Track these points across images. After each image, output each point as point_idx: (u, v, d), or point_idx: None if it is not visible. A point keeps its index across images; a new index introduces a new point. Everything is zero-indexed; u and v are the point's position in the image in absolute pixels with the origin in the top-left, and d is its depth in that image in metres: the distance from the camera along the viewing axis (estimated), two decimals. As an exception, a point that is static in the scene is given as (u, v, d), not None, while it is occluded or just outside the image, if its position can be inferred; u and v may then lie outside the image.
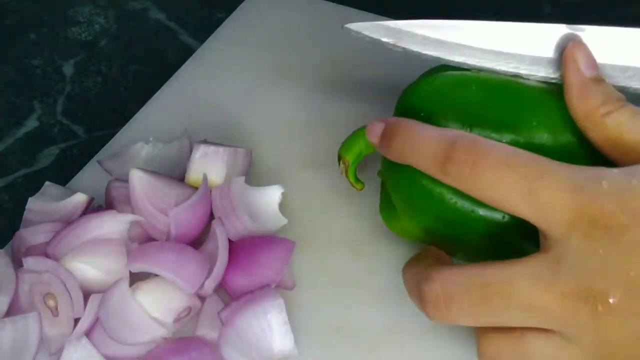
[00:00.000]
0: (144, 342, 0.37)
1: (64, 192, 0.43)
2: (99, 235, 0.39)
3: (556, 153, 0.31)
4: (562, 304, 0.28)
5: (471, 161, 0.29)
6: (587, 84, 0.33)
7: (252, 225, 0.40)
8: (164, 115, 0.51)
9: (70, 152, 0.51)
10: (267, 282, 0.38)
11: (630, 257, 0.27)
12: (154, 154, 0.46)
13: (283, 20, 0.57)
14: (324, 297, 0.40)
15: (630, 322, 0.27)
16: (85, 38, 0.60)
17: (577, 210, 0.28)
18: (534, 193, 0.29)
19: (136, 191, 0.40)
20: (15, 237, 0.41)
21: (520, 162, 0.29)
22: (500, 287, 0.29)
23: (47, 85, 0.56)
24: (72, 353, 0.36)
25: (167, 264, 0.37)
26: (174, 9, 0.63)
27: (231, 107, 0.51)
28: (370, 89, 0.53)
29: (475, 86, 0.35)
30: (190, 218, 0.40)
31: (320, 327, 0.39)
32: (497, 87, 0.35)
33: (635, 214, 0.28)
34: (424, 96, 0.35)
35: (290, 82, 0.53)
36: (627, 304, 0.27)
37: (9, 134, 0.52)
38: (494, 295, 0.29)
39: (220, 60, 0.55)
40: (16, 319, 0.37)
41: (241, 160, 0.44)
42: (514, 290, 0.29)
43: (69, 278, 0.37)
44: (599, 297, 0.27)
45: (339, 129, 0.50)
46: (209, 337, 0.37)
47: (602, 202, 0.28)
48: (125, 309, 0.36)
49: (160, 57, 0.58)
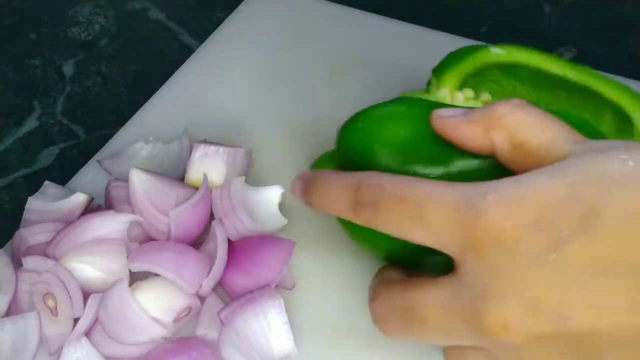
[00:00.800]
0: (144, 342, 0.36)
1: (64, 192, 0.43)
2: (99, 235, 0.39)
3: (492, 174, 0.30)
4: (466, 329, 0.27)
5: (373, 201, 0.30)
6: (467, 113, 0.32)
7: (252, 226, 0.40)
8: (164, 115, 0.51)
9: (70, 152, 0.51)
10: (267, 282, 0.38)
11: (524, 273, 0.26)
12: (153, 153, 0.46)
13: (283, 20, 0.57)
14: (324, 297, 0.40)
15: (529, 346, 0.27)
16: (85, 38, 0.60)
17: (466, 229, 0.27)
18: (424, 219, 0.28)
19: (136, 191, 0.40)
20: (15, 236, 0.41)
21: (408, 191, 0.29)
22: (417, 313, 0.29)
23: (47, 85, 0.56)
24: (72, 353, 0.36)
25: (168, 263, 0.37)
26: (174, 9, 0.63)
27: (231, 107, 0.51)
28: (370, 88, 0.53)
29: (405, 122, 0.34)
30: (191, 218, 0.40)
31: (320, 327, 0.39)
32: (426, 121, 0.33)
33: (524, 224, 0.26)
34: (357, 136, 0.35)
35: (290, 82, 0.53)
36: (525, 327, 0.26)
37: (9, 134, 0.52)
38: (414, 320, 0.30)
39: (220, 60, 0.55)
40: (16, 319, 0.37)
41: (241, 160, 0.44)
42: (428, 316, 0.29)
43: (69, 278, 0.37)
44: (497, 323, 0.26)
45: (339, 129, 0.50)
46: (209, 337, 0.37)
47: (488, 216, 0.26)
48: (125, 309, 0.36)
49: (160, 57, 0.58)
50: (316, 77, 0.53)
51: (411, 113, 0.34)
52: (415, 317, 0.30)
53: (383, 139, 0.33)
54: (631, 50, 0.58)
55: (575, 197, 0.26)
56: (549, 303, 0.26)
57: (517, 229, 0.26)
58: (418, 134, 0.33)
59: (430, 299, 0.29)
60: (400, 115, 0.34)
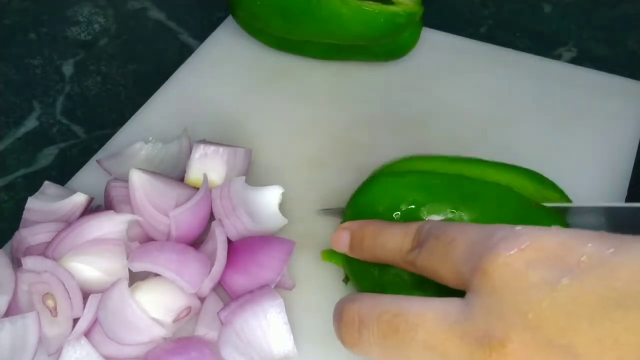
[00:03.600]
0: (144, 342, 0.36)
1: (64, 192, 0.43)
2: (99, 235, 0.39)
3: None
4: (459, 348, 0.27)
5: (421, 243, 0.31)
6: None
7: (252, 225, 0.40)
8: (164, 114, 0.51)
9: (69, 152, 0.51)
10: (267, 282, 0.38)
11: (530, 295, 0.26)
12: (153, 153, 0.45)
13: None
14: (324, 297, 0.40)
15: None
16: (84, 38, 0.60)
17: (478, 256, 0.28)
18: (451, 257, 0.30)
19: (136, 191, 0.40)
20: (15, 236, 0.41)
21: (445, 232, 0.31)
22: (408, 319, 0.29)
23: (46, 85, 0.56)
24: (71, 353, 0.36)
25: (169, 263, 0.37)
26: (174, 8, 0.62)
27: (231, 107, 0.51)
28: (370, 88, 0.53)
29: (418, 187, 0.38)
30: (191, 219, 0.40)
31: (320, 327, 0.39)
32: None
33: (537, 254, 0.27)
34: (376, 195, 0.39)
35: (290, 82, 0.53)
36: (524, 350, 0.26)
37: (9, 134, 0.52)
38: (401, 326, 0.29)
39: (220, 60, 0.55)
40: (15, 319, 0.37)
41: (241, 159, 0.44)
42: (420, 325, 0.28)
43: (68, 278, 0.37)
44: (494, 342, 0.26)
45: (338, 129, 0.50)
46: (209, 337, 0.37)
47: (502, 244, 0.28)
48: (125, 309, 0.36)
49: (160, 56, 0.58)
50: (316, 76, 0.53)
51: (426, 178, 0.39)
52: (403, 323, 0.29)
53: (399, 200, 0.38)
54: (631, 50, 0.58)
55: (604, 238, 0.27)
56: (552, 329, 0.25)
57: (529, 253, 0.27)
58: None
59: (427, 310, 0.29)
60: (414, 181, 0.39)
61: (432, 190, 0.38)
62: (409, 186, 0.39)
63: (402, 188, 0.39)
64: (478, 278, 0.27)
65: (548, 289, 0.26)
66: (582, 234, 0.27)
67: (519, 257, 0.27)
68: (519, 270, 0.27)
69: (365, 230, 0.35)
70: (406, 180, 0.39)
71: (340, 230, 0.36)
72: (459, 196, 0.38)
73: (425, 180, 0.39)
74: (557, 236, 0.27)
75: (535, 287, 0.26)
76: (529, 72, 0.53)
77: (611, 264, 0.26)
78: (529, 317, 0.26)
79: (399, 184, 0.39)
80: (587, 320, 0.25)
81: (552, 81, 0.52)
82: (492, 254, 0.27)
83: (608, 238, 0.27)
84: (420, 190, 0.38)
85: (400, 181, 0.39)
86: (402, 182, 0.39)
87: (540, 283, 0.26)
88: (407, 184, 0.39)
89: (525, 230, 0.28)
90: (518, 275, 0.27)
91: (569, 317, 0.25)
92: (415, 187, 0.39)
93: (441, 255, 0.30)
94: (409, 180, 0.39)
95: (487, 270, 0.27)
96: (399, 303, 0.30)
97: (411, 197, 0.38)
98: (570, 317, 0.25)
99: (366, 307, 0.30)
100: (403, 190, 0.38)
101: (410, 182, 0.39)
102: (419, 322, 0.28)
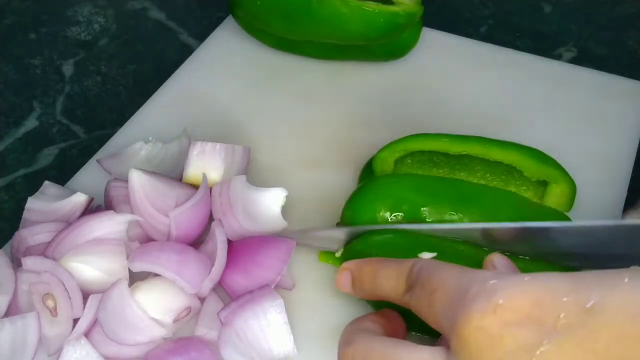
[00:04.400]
0: (144, 342, 0.36)
1: (64, 192, 0.43)
2: (98, 235, 0.39)
3: None
4: None
5: (416, 283, 0.31)
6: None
7: (248, 225, 0.40)
8: (164, 114, 0.51)
9: (69, 152, 0.51)
10: (267, 282, 0.38)
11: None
12: (153, 153, 0.45)
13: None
14: (324, 297, 0.40)
15: None
16: (84, 38, 0.60)
17: (453, 310, 0.28)
18: (435, 303, 0.29)
19: (136, 192, 0.40)
20: (15, 237, 0.41)
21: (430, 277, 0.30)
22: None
23: (46, 85, 0.56)
24: (71, 353, 0.36)
25: (169, 263, 0.37)
26: (174, 8, 0.62)
27: (231, 107, 0.51)
28: (370, 88, 0.53)
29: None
30: (191, 219, 0.40)
31: (320, 327, 0.39)
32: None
33: (512, 316, 0.26)
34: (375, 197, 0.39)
35: (290, 82, 0.53)
36: None
37: (9, 134, 0.52)
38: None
39: (220, 60, 0.55)
40: (15, 319, 0.37)
41: (240, 157, 0.44)
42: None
43: (68, 278, 0.37)
44: None
45: (338, 129, 0.50)
46: (209, 337, 0.37)
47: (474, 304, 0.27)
48: (125, 309, 0.36)
49: (160, 56, 0.58)
50: (316, 76, 0.53)
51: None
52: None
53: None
54: (631, 50, 0.57)
55: (580, 289, 0.26)
56: None
57: (504, 314, 0.26)
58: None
59: (417, 359, 0.29)
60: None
61: (431, 192, 0.39)
62: (408, 188, 0.39)
63: (402, 189, 0.39)
64: (455, 341, 0.27)
65: (526, 357, 0.25)
66: (557, 286, 0.26)
67: (493, 320, 0.26)
68: (495, 335, 0.26)
69: (363, 271, 0.35)
70: (405, 182, 0.39)
71: (341, 271, 0.36)
72: (457, 197, 0.38)
73: (424, 182, 0.39)
74: (532, 293, 0.26)
75: (512, 354, 0.25)
76: (529, 72, 0.53)
77: (590, 325, 0.25)
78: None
79: (398, 186, 0.39)
80: None
81: (552, 81, 0.52)
82: (465, 315, 0.27)
83: (585, 287, 0.26)
84: (420, 192, 0.39)
85: (399, 183, 0.39)
86: (401, 184, 0.39)
87: (518, 350, 0.25)
88: (406, 185, 0.39)
89: (499, 284, 0.27)
90: (494, 341, 0.26)
91: None
92: (415, 188, 0.39)
93: (426, 305, 0.30)
94: (408, 182, 0.39)
95: (463, 335, 0.27)
96: (390, 350, 0.30)
97: (411, 198, 0.38)
98: None
99: (360, 353, 0.31)
100: (402, 191, 0.39)
101: (409, 184, 0.39)
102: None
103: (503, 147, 0.41)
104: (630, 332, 0.24)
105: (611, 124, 0.49)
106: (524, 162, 0.40)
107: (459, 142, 0.41)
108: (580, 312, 0.25)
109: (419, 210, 0.38)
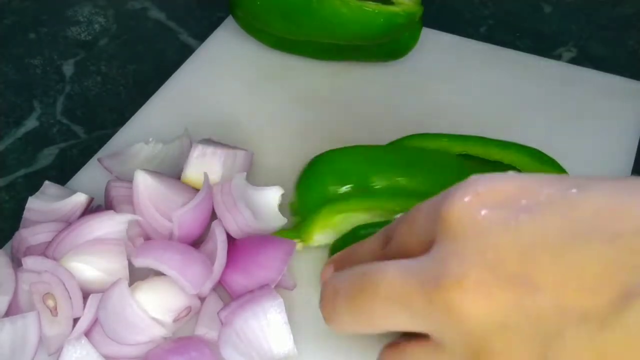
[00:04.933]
0: (144, 342, 0.36)
1: (64, 192, 0.43)
2: (99, 235, 0.39)
3: None
4: (420, 295, 0.26)
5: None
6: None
7: (253, 221, 0.40)
8: (164, 115, 0.51)
9: (69, 152, 0.51)
10: (267, 282, 0.38)
11: (487, 236, 0.25)
12: (154, 153, 0.45)
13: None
14: (323, 297, 0.40)
15: (484, 330, 0.25)
16: (84, 38, 0.60)
17: (436, 206, 0.28)
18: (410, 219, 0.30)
19: (140, 194, 0.40)
20: (15, 236, 0.41)
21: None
22: (373, 277, 0.28)
23: (46, 85, 0.56)
24: (72, 353, 0.36)
25: (173, 262, 0.37)
26: (174, 8, 0.62)
27: (231, 107, 0.51)
28: (370, 88, 0.53)
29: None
30: (193, 220, 0.40)
31: (321, 327, 0.39)
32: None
33: (494, 199, 0.26)
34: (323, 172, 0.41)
35: (290, 82, 0.53)
36: (482, 286, 0.25)
37: (9, 134, 0.52)
38: (366, 284, 0.28)
39: (220, 60, 0.55)
40: (15, 319, 0.37)
41: (240, 162, 0.44)
42: (383, 279, 0.28)
43: (68, 278, 0.37)
44: (451, 280, 0.25)
45: (338, 129, 0.50)
46: (209, 337, 0.37)
47: (457, 193, 0.27)
48: (125, 309, 0.36)
49: (160, 56, 0.58)
50: (316, 76, 0.53)
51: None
52: (370, 283, 0.28)
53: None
54: (631, 50, 0.58)
55: (565, 179, 0.26)
56: (511, 264, 0.25)
57: (487, 197, 0.26)
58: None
59: (391, 265, 0.28)
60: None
61: (377, 160, 0.40)
62: (355, 160, 0.40)
63: (349, 162, 0.40)
64: (439, 229, 0.27)
65: (506, 227, 0.25)
66: (543, 176, 0.27)
67: (476, 201, 0.26)
68: (477, 213, 0.26)
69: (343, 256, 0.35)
70: (352, 154, 0.40)
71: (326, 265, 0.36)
72: (404, 164, 0.39)
73: (370, 152, 0.40)
74: (515, 180, 0.27)
75: (493, 226, 0.25)
76: (529, 72, 0.53)
77: (572, 200, 0.25)
78: (488, 257, 0.25)
79: (345, 159, 0.40)
80: (548, 252, 0.24)
81: (552, 81, 0.52)
82: (448, 201, 0.27)
83: (571, 179, 0.26)
84: (367, 162, 0.40)
85: (346, 155, 0.40)
86: (348, 156, 0.40)
87: (499, 222, 0.25)
88: (353, 157, 0.40)
89: (482, 177, 0.27)
90: (476, 218, 0.26)
91: (529, 251, 0.25)
92: (362, 159, 0.40)
93: (407, 231, 0.29)
94: (354, 154, 0.40)
95: (446, 218, 0.27)
96: (368, 265, 0.29)
97: (359, 169, 0.39)
98: (529, 251, 0.25)
99: (342, 277, 0.31)
100: (350, 164, 0.40)
101: (356, 156, 0.40)
102: (382, 277, 0.28)
103: (503, 147, 0.41)
104: (611, 205, 0.24)
105: (611, 124, 0.49)
106: (524, 162, 0.40)
107: (459, 142, 0.41)
108: (563, 193, 0.25)
109: (368, 179, 0.38)
